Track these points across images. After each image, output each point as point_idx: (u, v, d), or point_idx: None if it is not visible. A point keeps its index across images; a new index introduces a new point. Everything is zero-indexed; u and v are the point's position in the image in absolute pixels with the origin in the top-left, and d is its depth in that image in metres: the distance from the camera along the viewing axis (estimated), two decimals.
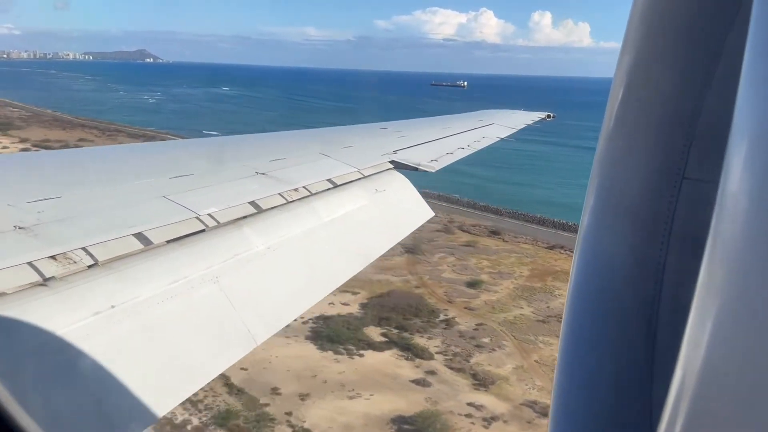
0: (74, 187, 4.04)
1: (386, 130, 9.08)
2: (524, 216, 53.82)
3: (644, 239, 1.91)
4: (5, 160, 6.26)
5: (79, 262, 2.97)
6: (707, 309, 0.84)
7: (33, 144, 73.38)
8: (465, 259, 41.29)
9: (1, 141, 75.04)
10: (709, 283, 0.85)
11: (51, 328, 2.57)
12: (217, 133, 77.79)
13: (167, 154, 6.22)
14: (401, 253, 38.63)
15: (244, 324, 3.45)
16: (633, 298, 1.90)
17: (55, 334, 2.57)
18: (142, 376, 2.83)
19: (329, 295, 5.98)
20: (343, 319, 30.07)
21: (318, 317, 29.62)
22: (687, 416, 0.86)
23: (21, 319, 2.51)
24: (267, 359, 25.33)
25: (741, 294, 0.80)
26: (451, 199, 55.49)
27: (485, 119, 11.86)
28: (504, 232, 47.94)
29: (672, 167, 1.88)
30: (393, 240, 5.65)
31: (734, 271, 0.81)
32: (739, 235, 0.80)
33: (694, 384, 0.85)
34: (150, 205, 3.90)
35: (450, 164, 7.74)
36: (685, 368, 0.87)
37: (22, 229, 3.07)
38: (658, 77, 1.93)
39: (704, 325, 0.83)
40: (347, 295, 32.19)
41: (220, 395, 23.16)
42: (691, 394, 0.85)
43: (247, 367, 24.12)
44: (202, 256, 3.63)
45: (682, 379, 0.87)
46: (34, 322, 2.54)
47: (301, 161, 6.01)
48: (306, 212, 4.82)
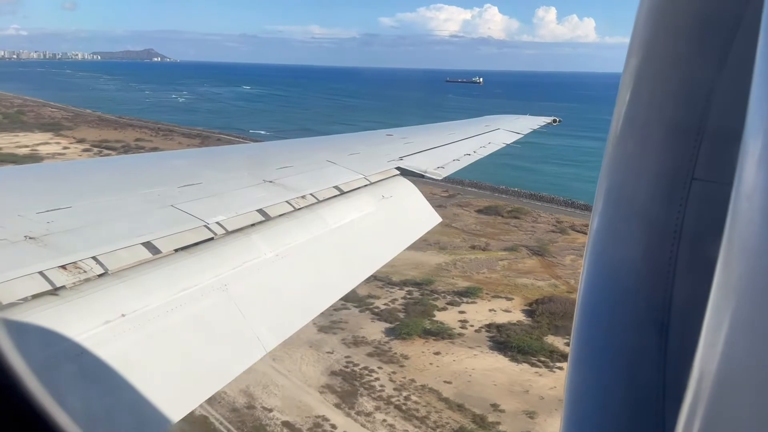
0: (83, 198, 4.08)
1: (392, 137, 9.15)
2: None
3: (654, 241, 1.91)
4: (16, 171, 6.33)
5: (89, 271, 3.00)
6: (723, 309, 0.83)
7: (92, 144, 72.00)
8: None
9: (59, 142, 73.74)
10: (725, 284, 0.84)
11: (62, 337, 2.59)
12: (265, 132, 77.63)
13: (175, 164, 6.30)
14: (529, 255, 38.32)
15: (254, 331, 3.47)
16: (643, 300, 1.90)
17: (66, 342, 2.59)
18: (153, 384, 2.85)
19: (488, 302, 5.59)
20: (518, 327, 28.90)
21: (488, 325, 28.76)
22: (704, 416, 0.85)
23: (32, 327, 2.54)
24: (465, 371, 24.72)
25: (758, 295, 0.79)
26: (539, 196, 55.03)
27: (491, 125, 11.87)
28: None
29: (681, 169, 1.88)
30: (400, 246, 5.66)
31: (751, 272, 0.80)
32: (754, 237, 0.80)
33: (711, 387, 0.84)
34: (158, 214, 3.94)
35: (456, 171, 7.75)
36: (702, 370, 0.86)
37: (33, 239, 3.10)
38: (666, 79, 1.93)
39: (721, 327, 0.82)
40: (501, 300, 31.65)
41: (442, 410, 22.23)
42: (707, 398, 0.84)
43: (450, 380, 23.68)
44: (211, 265, 3.66)
45: (698, 382, 0.87)
46: (45, 330, 2.57)
47: (307, 169, 6.07)
48: (313, 219, 4.86)
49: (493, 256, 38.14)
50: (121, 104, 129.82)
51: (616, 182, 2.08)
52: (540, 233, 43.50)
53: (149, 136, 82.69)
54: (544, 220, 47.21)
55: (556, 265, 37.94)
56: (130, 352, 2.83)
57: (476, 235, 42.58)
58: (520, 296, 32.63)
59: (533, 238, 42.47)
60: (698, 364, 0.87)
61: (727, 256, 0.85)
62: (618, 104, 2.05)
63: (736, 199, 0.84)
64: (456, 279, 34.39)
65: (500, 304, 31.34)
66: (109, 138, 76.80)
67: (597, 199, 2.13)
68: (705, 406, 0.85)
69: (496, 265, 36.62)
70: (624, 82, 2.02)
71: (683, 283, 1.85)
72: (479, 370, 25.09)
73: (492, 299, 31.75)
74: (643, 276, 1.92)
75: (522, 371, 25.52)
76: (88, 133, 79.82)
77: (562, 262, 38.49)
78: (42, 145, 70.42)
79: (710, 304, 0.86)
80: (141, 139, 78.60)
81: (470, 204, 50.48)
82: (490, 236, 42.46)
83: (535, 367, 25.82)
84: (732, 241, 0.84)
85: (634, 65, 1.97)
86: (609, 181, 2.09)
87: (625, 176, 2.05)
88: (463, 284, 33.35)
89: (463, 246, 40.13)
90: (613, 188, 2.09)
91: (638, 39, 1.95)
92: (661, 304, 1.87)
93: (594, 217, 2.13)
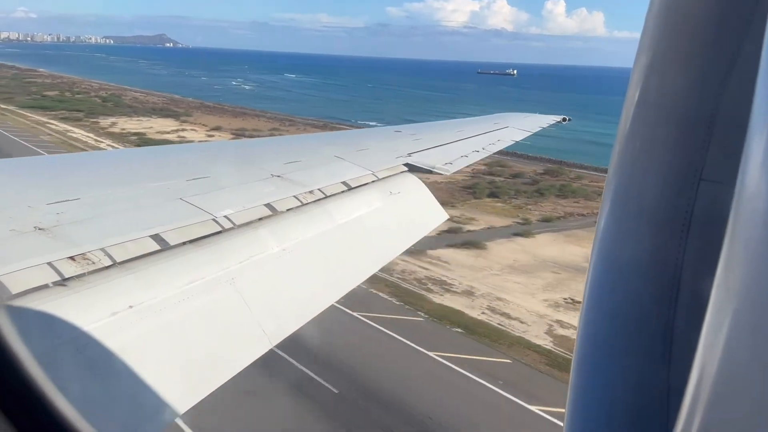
0: (92, 189, 4.09)
1: (400, 133, 9.09)
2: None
3: (661, 241, 1.91)
4: (24, 162, 6.33)
5: (97, 262, 3.01)
6: (724, 310, 0.84)
7: (233, 132, 63.12)
8: None
9: (194, 129, 66.58)
10: (726, 283, 0.85)
11: (70, 328, 2.61)
12: (376, 124, 73.21)
13: (183, 157, 6.32)
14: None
15: (260, 325, 3.48)
16: (650, 300, 1.90)
17: (73, 333, 2.60)
18: (159, 376, 2.86)
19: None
20: None
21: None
22: (703, 416, 0.86)
23: (40, 317, 2.55)
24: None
25: (758, 295, 0.79)
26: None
27: (500, 122, 11.70)
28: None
29: (689, 169, 1.88)
30: (407, 242, 5.68)
31: (752, 273, 0.80)
32: (756, 236, 0.80)
33: (711, 386, 0.85)
34: (167, 207, 3.95)
35: (464, 167, 7.67)
36: (702, 370, 0.87)
37: (42, 230, 3.11)
38: (675, 78, 1.92)
39: (721, 326, 0.83)
40: None
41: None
42: (707, 395, 0.85)
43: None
44: (218, 258, 3.67)
45: (698, 381, 0.88)
46: (53, 320, 2.58)
47: (315, 164, 6.07)
48: (320, 214, 4.87)
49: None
50: (199, 90, 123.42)
51: (623, 181, 2.08)
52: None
53: (277, 125, 75.51)
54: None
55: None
56: (136, 343, 2.84)
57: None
58: None
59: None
60: (698, 363, 0.88)
61: (728, 256, 0.85)
62: (627, 102, 2.04)
63: (738, 199, 0.84)
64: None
65: None
66: (246, 126, 69.88)
67: (604, 199, 2.12)
68: (704, 406, 0.86)
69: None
70: (633, 80, 2.01)
71: (690, 282, 1.84)
72: None
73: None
74: (650, 277, 1.92)
75: None
76: (208, 120, 74.15)
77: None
78: (179, 131, 64.51)
79: (711, 304, 0.86)
80: (276, 129, 70.49)
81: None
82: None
83: None
84: (734, 241, 0.84)
85: (643, 63, 1.96)
86: (617, 180, 2.08)
87: (633, 175, 2.04)
88: None
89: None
90: (620, 188, 2.08)
91: (649, 36, 1.94)
92: (667, 303, 1.87)
93: (601, 217, 2.12)
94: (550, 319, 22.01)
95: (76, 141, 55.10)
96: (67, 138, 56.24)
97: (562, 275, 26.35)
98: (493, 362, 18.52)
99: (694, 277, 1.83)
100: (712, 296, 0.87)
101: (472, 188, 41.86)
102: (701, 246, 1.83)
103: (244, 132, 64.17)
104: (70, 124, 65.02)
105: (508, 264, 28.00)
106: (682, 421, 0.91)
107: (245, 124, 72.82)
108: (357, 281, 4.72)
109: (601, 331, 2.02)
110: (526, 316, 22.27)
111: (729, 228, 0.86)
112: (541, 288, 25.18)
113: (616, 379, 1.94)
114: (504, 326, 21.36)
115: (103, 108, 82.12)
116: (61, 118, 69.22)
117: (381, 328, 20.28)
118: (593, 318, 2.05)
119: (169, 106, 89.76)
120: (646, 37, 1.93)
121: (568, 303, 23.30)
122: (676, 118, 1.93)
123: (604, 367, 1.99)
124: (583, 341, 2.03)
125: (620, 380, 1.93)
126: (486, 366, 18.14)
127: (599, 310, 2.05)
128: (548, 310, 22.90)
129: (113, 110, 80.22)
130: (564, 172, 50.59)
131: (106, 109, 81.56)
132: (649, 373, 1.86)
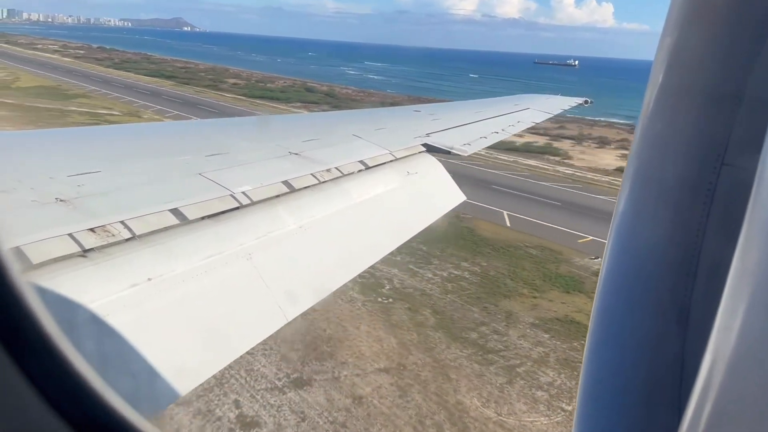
0: (113, 163, 4.13)
1: (419, 113, 8.99)
2: None
3: (680, 225, 1.90)
4: (48, 134, 6.34)
5: (117, 235, 3.04)
6: (740, 293, 0.84)
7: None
8: None
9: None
10: (742, 270, 0.85)
11: (89, 299, 2.64)
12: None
13: (203, 133, 6.31)
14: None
15: (275, 300, 3.51)
16: (666, 285, 1.90)
17: (94, 303, 2.64)
18: (177, 347, 2.92)
19: None
20: None
21: None
22: (717, 398, 0.87)
23: (61, 288, 2.59)
24: None
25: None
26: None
27: (520, 104, 11.56)
28: None
29: (711, 153, 1.85)
30: (424, 222, 5.66)
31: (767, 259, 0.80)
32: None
33: (725, 366, 0.85)
34: (186, 182, 3.99)
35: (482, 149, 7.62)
36: (716, 350, 0.87)
37: (63, 201, 3.15)
38: (700, 60, 1.89)
39: (736, 309, 0.83)
40: None
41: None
42: (721, 376, 0.86)
43: None
44: (236, 233, 3.70)
45: (712, 362, 0.88)
46: (73, 290, 2.62)
47: (333, 142, 6.06)
48: (337, 193, 4.89)
49: None
50: (352, 81, 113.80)
51: (645, 164, 2.06)
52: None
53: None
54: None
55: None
56: (154, 315, 2.88)
57: None
58: None
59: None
60: (713, 345, 0.88)
61: (746, 239, 0.84)
62: (650, 85, 2.01)
63: (759, 182, 0.83)
64: None
65: None
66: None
67: (625, 181, 2.11)
68: (718, 387, 0.86)
69: None
70: (657, 61, 1.98)
71: (707, 268, 1.83)
72: None
73: None
74: (667, 262, 1.91)
75: None
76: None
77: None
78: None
79: (727, 287, 0.86)
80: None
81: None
82: None
83: None
84: (752, 225, 0.83)
85: (668, 43, 1.93)
86: (638, 162, 2.07)
87: (655, 158, 2.02)
88: None
89: None
90: (641, 170, 2.06)
91: (674, 16, 1.90)
92: (683, 289, 1.86)
93: (621, 199, 2.11)
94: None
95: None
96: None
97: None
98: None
99: (711, 260, 1.82)
100: (728, 279, 0.87)
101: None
102: (720, 230, 1.81)
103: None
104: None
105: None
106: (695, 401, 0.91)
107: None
108: (372, 260, 4.74)
109: (616, 314, 2.02)
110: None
111: (748, 211, 0.85)
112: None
113: (631, 360, 1.94)
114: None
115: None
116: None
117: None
118: (609, 300, 2.05)
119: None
120: (671, 17, 1.89)
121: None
122: (700, 100, 1.89)
123: (619, 349, 1.99)
124: (598, 322, 2.03)
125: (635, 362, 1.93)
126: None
127: (615, 293, 2.04)
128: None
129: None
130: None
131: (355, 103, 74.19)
132: (664, 355, 1.86)
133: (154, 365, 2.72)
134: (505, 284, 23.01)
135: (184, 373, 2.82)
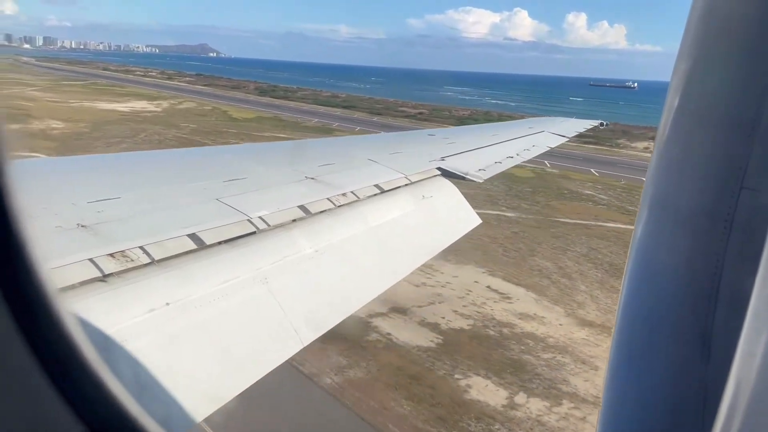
0: (132, 189, 4.21)
1: (434, 137, 9.07)
2: None
3: (700, 250, 1.88)
4: (69, 161, 6.53)
5: (136, 260, 3.09)
6: (763, 317, 0.83)
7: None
8: None
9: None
10: (765, 295, 0.84)
11: (109, 323, 2.67)
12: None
13: (221, 159, 6.43)
14: None
15: (292, 325, 3.52)
16: (687, 307, 1.88)
17: (112, 328, 2.67)
18: (194, 371, 2.93)
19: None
20: None
21: None
22: (741, 424, 0.86)
23: (81, 312, 2.61)
24: None
25: None
26: None
27: (535, 127, 11.60)
28: None
29: (730, 176, 1.84)
30: (439, 246, 5.65)
31: None
32: None
33: (749, 392, 0.84)
34: (204, 208, 4.03)
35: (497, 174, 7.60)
36: (740, 375, 0.86)
37: (84, 227, 3.22)
38: (716, 83, 1.90)
39: (760, 333, 0.83)
40: None
41: None
42: (746, 401, 0.85)
43: None
44: (253, 258, 3.72)
45: (736, 387, 0.87)
46: (92, 316, 2.64)
47: (349, 167, 6.11)
48: (353, 217, 4.91)
49: None
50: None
51: (662, 187, 2.05)
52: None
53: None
54: None
55: None
56: (172, 340, 2.90)
57: None
58: None
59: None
60: (736, 370, 0.87)
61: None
62: (666, 109, 2.02)
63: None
64: None
65: None
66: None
67: (642, 206, 2.10)
68: (743, 412, 0.85)
69: None
70: (672, 86, 1.98)
71: (728, 291, 1.81)
72: None
73: None
74: (688, 287, 1.89)
75: None
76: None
77: None
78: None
79: (750, 311, 0.86)
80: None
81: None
82: None
83: None
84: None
85: (684, 68, 1.94)
86: (655, 186, 2.06)
87: (672, 182, 2.01)
88: None
89: None
90: (659, 194, 2.06)
91: (689, 41, 1.91)
92: (705, 313, 1.84)
93: (638, 224, 2.10)
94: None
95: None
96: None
97: None
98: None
99: (733, 284, 1.79)
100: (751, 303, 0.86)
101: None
102: (741, 254, 1.79)
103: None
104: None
105: None
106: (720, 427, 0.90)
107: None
108: (388, 284, 4.72)
109: (637, 337, 2.00)
110: None
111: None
112: None
113: (651, 383, 1.92)
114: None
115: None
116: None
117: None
118: (630, 323, 2.03)
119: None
120: (686, 42, 1.90)
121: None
122: (717, 124, 1.89)
123: (639, 372, 1.97)
124: (619, 346, 2.01)
125: (656, 385, 1.91)
126: None
127: (636, 316, 2.02)
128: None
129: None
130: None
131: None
132: (685, 378, 1.83)
133: (171, 391, 2.72)
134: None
135: (201, 398, 2.83)
